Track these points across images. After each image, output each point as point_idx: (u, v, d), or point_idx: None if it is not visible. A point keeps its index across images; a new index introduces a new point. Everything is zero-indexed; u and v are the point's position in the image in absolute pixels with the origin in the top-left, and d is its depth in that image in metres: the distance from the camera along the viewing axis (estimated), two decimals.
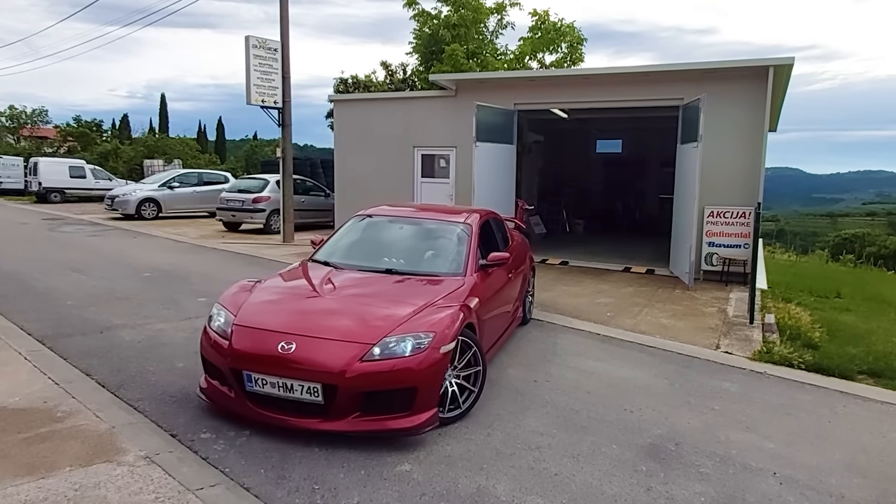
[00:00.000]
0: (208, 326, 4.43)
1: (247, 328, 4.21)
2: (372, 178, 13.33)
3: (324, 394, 3.86)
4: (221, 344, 4.17)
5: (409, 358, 3.94)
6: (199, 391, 4.39)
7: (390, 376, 3.91)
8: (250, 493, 3.31)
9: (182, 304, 7.41)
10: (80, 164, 23.72)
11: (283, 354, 3.96)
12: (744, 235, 9.96)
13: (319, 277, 5.09)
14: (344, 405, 3.86)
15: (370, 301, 4.64)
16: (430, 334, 4.07)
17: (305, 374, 3.89)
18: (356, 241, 5.89)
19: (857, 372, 5.80)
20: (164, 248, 12.37)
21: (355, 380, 3.84)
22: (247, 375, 3.99)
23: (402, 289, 4.94)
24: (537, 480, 3.56)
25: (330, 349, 3.98)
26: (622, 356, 6.05)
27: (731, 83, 9.86)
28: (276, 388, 3.93)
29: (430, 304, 4.51)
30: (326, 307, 4.60)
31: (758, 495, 3.50)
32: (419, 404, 3.94)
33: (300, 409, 3.94)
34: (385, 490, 3.38)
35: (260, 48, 12.07)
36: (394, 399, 3.93)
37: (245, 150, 37.92)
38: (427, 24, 20.45)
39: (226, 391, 4.16)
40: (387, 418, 3.91)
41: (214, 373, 4.29)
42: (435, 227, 5.99)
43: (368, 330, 4.13)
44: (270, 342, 4.04)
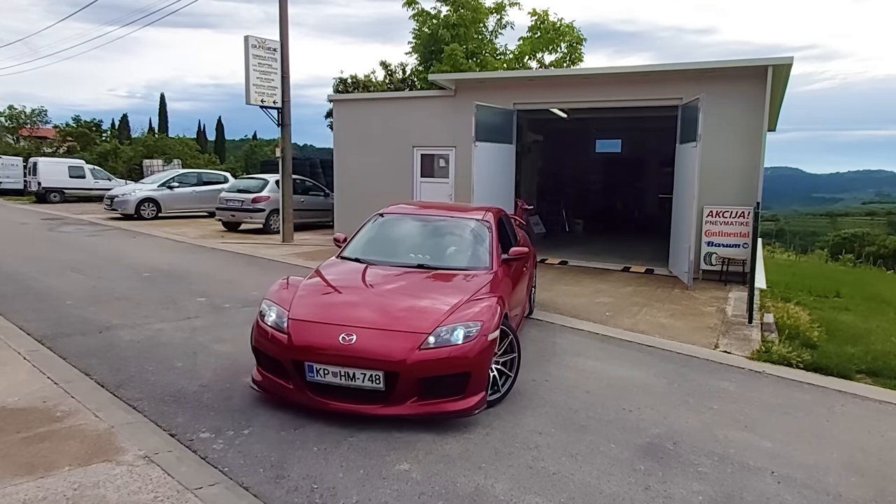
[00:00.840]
0: (262, 322, 4.56)
1: (304, 322, 4.42)
2: (371, 177, 13.33)
3: (385, 381, 4.11)
4: (280, 338, 4.35)
5: (462, 346, 4.23)
6: (252, 383, 4.57)
7: (446, 363, 4.19)
8: (249, 492, 3.32)
9: (181, 304, 7.41)
10: (80, 164, 23.72)
11: (344, 345, 4.18)
12: (743, 235, 9.97)
13: (358, 273, 5.34)
14: (404, 391, 4.12)
15: (413, 294, 4.93)
16: (479, 323, 4.36)
17: (367, 364, 4.12)
18: (382, 239, 6.09)
19: (855, 371, 5.81)
20: (163, 248, 12.37)
21: (415, 367, 4.11)
22: (308, 366, 4.20)
23: (440, 282, 5.23)
24: (536, 479, 3.56)
25: (389, 339, 4.24)
26: (621, 356, 6.05)
27: (730, 83, 9.87)
28: (337, 378, 4.16)
29: (470, 296, 4.81)
30: (374, 301, 4.82)
31: (756, 494, 3.51)
32: (471, 388, 4.23)
33: (361, 396, 4.17)
34: (383, 489, 3.39)
35: (259, 48, 12.07)
36: (448, 384, 4.21)
37: (244, 149, 37.94)
38: (426, 23, 20.44)
39: (282, 382, 4.35)
40: (442, 402, 4.19)
41: (269, 365, 4.46)
42: (456, 224, 6.22)
43: (421, 321, 4.40)
44: (331, 334, 4.27)
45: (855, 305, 10.70)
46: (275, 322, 4.48)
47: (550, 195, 16.82)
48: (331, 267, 5.58)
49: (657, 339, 6.65)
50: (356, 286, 5.17)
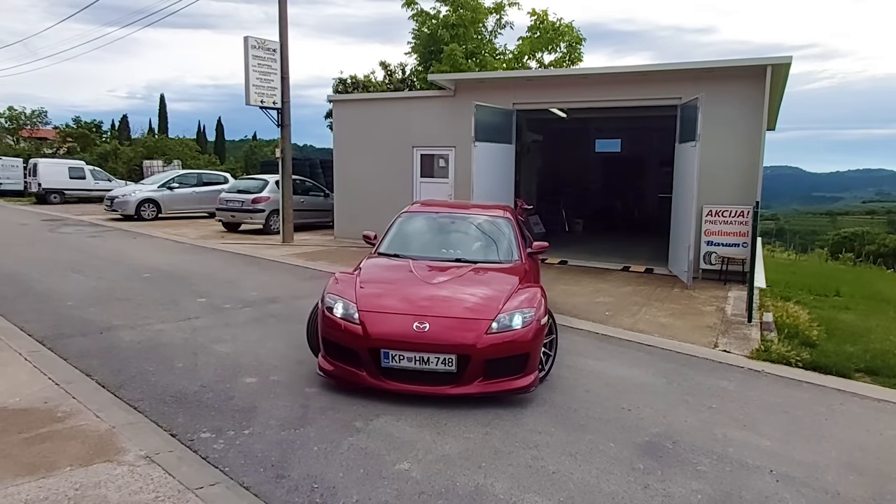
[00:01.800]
0: (330, 314, 4.85)
1: (376, 313, 4.76)
2: (371, 177, 13.35)
3: (457, 363, 4.51)
4: (354, 329, 4.68)
5: (521, 330, 4.69)
6: (320, 371, 4.88)
7: (509, 346, 4.63)
8: (250, 491, 3.33)
9: (182, 305, 7.43)
10: (80, 165, 23.74)
11: (419, 333, 4.57)
12: (742, 234, 9.98)
13: (406, 268, 5.63)
14: (472, 372, 4.53)
15: (465, 286, 5.31)
16: (533, 310, 4.85)
17: (441, 349, 4.51)
18: (414, 236, 6.42)
19: (854, 370, 5.82)
20: (163, 248, 12.39)
21: (484, 350, 4.54)
22: (384, 353, 4.55)
23: (483, 275, 5.58)
24: (535, 479, 3.58)
25: (459, 326, 4.66)
26: (620, 355, 6.07)
27: (729, 82, 9.88)
28: (412, 363, 4.53)
29: (515, 286, 5.24)
30: (433, 292, 5.13)
31: (754, 493, 3.52)
32: (528, 367, 4.70)
33: (431, 378, 4.56)
34: (384, 488, 3.40)
35: (259, 49, 12.08)
36: (509, 364, 4.64)
37: (244, 150, 37.92)
38: (426, 23, 20.43)
39: (353, 369, 4.67)
40: (504, 380, 4.61)
41: (338, 353, 4.78)
42: (481, 221, 6.61)
43: (483, 309, 4.83)
44: (405, 324, 4.64)
45: (855, 304, 10.71)
46: (344, 314, 4.79)
47: (550, 195, 16.83)
48: (376, 263, 5.89)
49: (656, 339, 6.66)
50: (409, 280, 5.43)
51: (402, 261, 5.87)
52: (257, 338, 6.20)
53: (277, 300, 7.89)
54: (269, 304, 7.67)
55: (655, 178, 17.22)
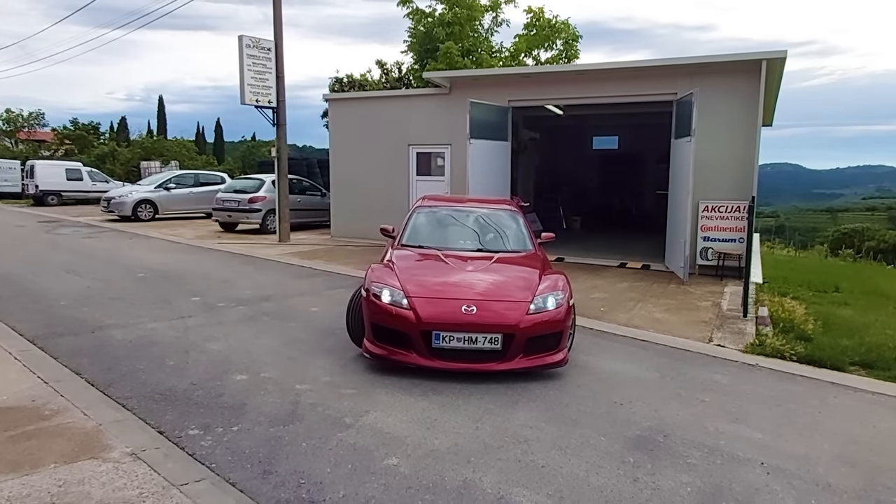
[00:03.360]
0: (379, 301, 5.14)
1: (425, 298, 5.09)
2: (367, 176, 13.33)
3: (503, 342, 4.91)
4: (405, 314, 5.00)
5: (555, 310, 5.14)
6: (366, 353, 5.23)
7: (546, 325, 5.07)
8: (235, 487, 3.31)
9: (175, 304, 7.40)
10: (77, 167, 23.73)
11: (467, 315, 4.94)
12: (739, 230, 9.96)
13: (435, 258, 5.97)
14: (515, 350, 4.94)
15: (495, 272, 5.70)
16: (563, 292, 5.33)
17: (488, 329, 4.92)
18: (432, 229, 6.71)
19: (848, 363, 5.80)
20: (159, 248, 12.37)
21: (526, 329, 4.95)
22: (435, 335, 4.91)
23: (507, 263, 5.98)
24: (524, 473, 3.55)
25: (503, 308, 5.07)
26: (614, 350, 6.04)
27: (725, 77, 9.85)
28: (461, 343, 4.91)
29: (540, 272, 5.65)
30: (470, 278, 5.51)
31: (744, 485, 3.49)
32: (562, 344, 5.19)
33: (477, 356, 4.95)
34: (371, 483, 3.38)
35: (253, 48, 12.07)
36: (545, 342, 5.08)
37: (242, 150, 37.88)
38: (421, 21, 20.39)
39: (402, 350, 5.02)
40: (543, 356, 5.07)
41: (387, 336, 5.11)
42: (492, 214, 6.99)
43: (519, 292, 5.27)
44: (454, 307, 5.00)
45: (854, 300, 10.66)
46: (392, 301, 5.10)
47: (547, 193, 16.81)
48: (404, 254, 6.13)
49: (651, 334, 6.64)
50: (444, 268, 5.77)
51: (428, 251, 6.18)
52: (250, 335, 6.18)
53: (271, 298, 7.87)
54: (263, 302, 7.65)
55: (653, 174, 17.18)
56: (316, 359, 5.50)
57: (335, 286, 8.80)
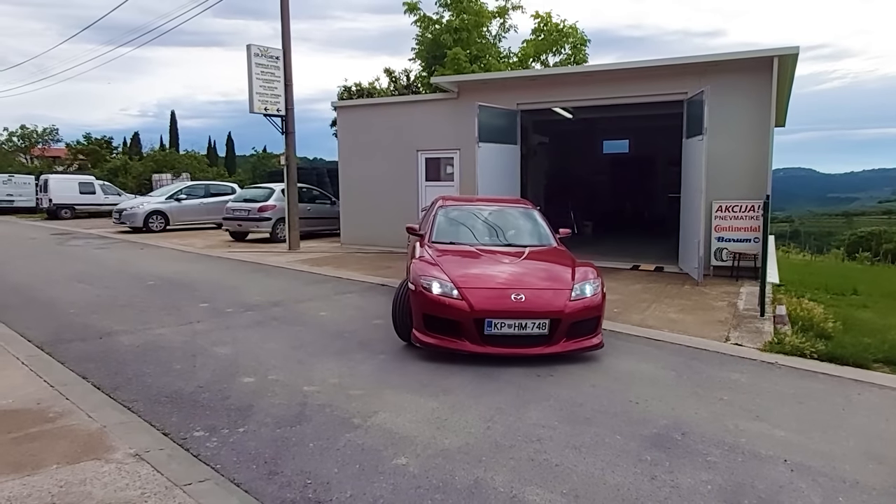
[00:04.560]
0: (430, 293, 5.35)
1: (475, 289, 5.35)
2: (376, 182, 13.31)
3: (550, 327, 5.23)
4: (458, 304, 5.25)
5: (593, 297, 5.49)
6: (417, 342, 5.44)
7: (586, 310, 5.40)
8: (241, 488, 3.22)
9: (184, 310, 7.37)
10: (90, 180, 23.97)
11: (517, 303, 5.24)
12: (753, 229, 9.78)
13: (470, 253, 6.33)
14: (560, 334, 5.26)
15: (531, 263, 6.07)
16: (597, 281, 5.68)
17: (536, 315, 5.21)
18: (458, 226, 6.96)
19: (872, 361, 5.60)
20: (169, 258, 12.40)
21: (570, 314, 5.29)
22: (488, 322, 5.17)
23: (539, 255, 6.34)
24: (537, 472, 3.43)
25: (549, 295, 5.39)
26: (628, 350, 5.90)
27: (736, 75, 9.73)
28: (512, 329, 5.20)
29: (572, 263, 5.98)
30: (511, 269, 5.82)
31: (768, 482, 3.35)
32: (598, 328, 5.54)
33: (525, 342, 5.24)
34: (379, 483, 3.28)
35: (262, 56, 12.12)
36: (584, 326, 5.42)
37: (252, 161, 38.11)
38: (429, 28, 20.43)
39: (454, 338, 5.26)
40: (583, 340, 5.40)
41: (438, 326, 5.33)
42: (512, 211, 7.42)
43: (558, 280, 5.61)
44: (504, 296, 5.30)
45: (873, 302, 10.39)
46: (443, 292, 5.34)
47: (558, 197, 16.68)
48: (439, 250, 6.32)
49: (666, 334, 6.49)
50: (483, 261, 6.10)
51: (461, 247, 6.48)
52: (258, 339, 6.12)
53: (280, 304, 7.81)
54: (272, 307, 7.60)
55: (664, 178, 17.03)
56: (324, 361, 5.42)
57: (344, 291, 8.74)
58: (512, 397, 4.57)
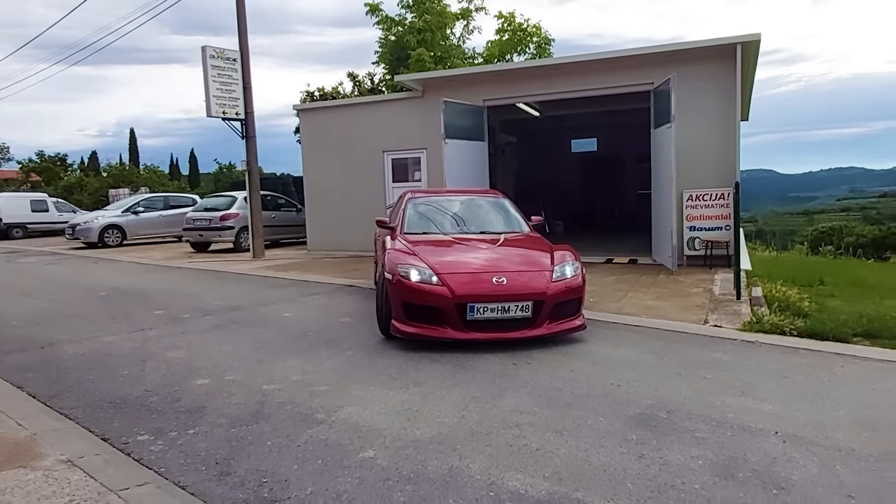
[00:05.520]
0: (408, 281, 5.16)
1: (455, 274, 5.20)
2: (342, 186, 12.97)
3: (533, 309, 5.08)
4: (438, 290, 5.08)
5: (574, 278, 5.39)
6: (397, 333, 5.21)
7: (568, 291, 5.31)
8: (186, 490, 2.87)
9: (136, 318, 6.92)
10: (43, 198, 22.96)
11: (499, 286, 5.11)
12: (724, 217, 9.76)
13: (444, 241, 6.22)
14: (543, 316, 5.13)
15: (509, 248, 5.99)
16: (577, 262, 5.58)
17: (519, 297, 5.08)
18: (430, 217, 6.83)
19: (852, 335, 5.51)
20: (124, 270, 11.81)
21: (553, 295, 5.17)
22: (470, 307, 5.01)
23: (515, 240, 6.27)
24: (517, 457, 3.16)
25: (530, 277, 5.28)
26: (607, 336, 5.68)
27: (701, 64, 9.73)
28: (495, 312, 5.05)
29: (549, 246, 5.91)
30: (488, 255, 5.72)
31: (760, 455, 3.14)
32: (580, 309, 5.48)
33: (508, 326, 5.09)
34: (344, 478, 2.96)
35: (218, 58, 11.72)
36: (567, 308, 5.30)
37: (214, 172, 37.12)
38: (392, 30, 20.21)
39: (435, 326, 5.08)
40: (564, 322, 5.28)
41: (419, 314, 5.13)
42: (483, 201, 7.35)
43: (538, 263, 5.51)
44: (485, 280, 5.16)
45: (840, 291, 10.42)
46: (422, 279, 5.16)
47: (528, 197, 16.53)
48: (413, 240, 6.14)
49: (644, 319, 6.31)
50: (460, 247, 5.98)
51: (435, 236, 6.35)
52: (215, 342, 5.73)
53: (241, 308, 7.41)
54: (232, 311, 7.19)
55: (633, 175, 17.08)
56: (286, 360, 5.07)
57: (310, 293, 8.37)
58: (487, 385, 4.30)
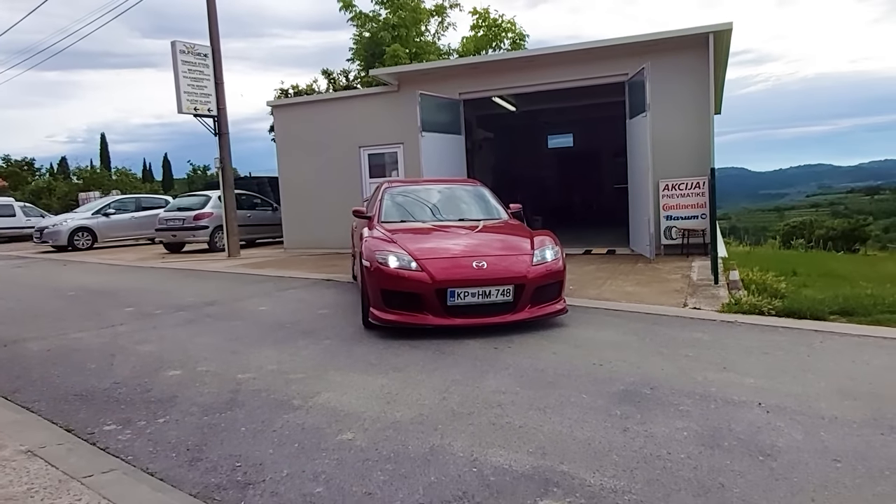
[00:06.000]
0: (387, 268, 5.07)
1: (434, 259, 5.14)
2: (318, 182, 12.79)
3: (514, 293, 5.05)
4: (418, 276, 4.99)
5: (554, 261, 5.38)
6: (375, 321, 5.11)
7: (549, 275, 5.28)
8: (154, 476, 2.74)
9: (105, 315, 6.70)
10: (9, 203, 22.24)
11: (479, 270, 5.05)
12: (700, 206, 9.83)
13: (423, 229, 6.10)
14: (524, 300, 5.08)
15: (487, 234, 5.96)
16: (557, 246, 5.56)
17: (499, 281, 5.03)
18: (407, 206, 6.74)
19: (829, 313, 5.55)
20: (94, 271, 11.48)
21: (534, 279, 5.14)
22: (450, 292, 4.94)
23: (495, 227, 6.26)
24: (499, 434, 3.09)
25: (511, 261, 5.23)
26: (587, 320, 5.64)
27: (674, 54, 9.79)
28: (475, 297, 5.00)
29: (529, 232, 5.90)
30: (467, 240, 5.64)
31: (745, 425, 3.11)
32: (561, 293, 5.44)
33: (489, 310, 5.04)
34: (321, 460, 2.86)
35: (188, 53, 11.47)
36: (548, 291, 5.27)
37: (188, 175, 36.41)
38: (366, 26, 20.05)
39: (415, 313, 4.99)
40: (547, 305, 5.26)
41: (398, 301, 5.04)
42: (462, 190, 7.33)
43: (517, 247, 5.47)
44: (465, 265, 5.10)
45: (812, 282, 10.54)
46: (401, 265, 5.08)
47: (506, 192, 16.51)
48: (391, 228, 6.02)
49: (624, 304, 6.29)
50: (438, 234, 5.91)
51: (413, 224, 6.26)
52: (188, 336, 5.56)
53: (215, 303, 7.23)
54: (207, 306, 7.01)
55: (610, 169, 17.16)
56: (262, 350, 4.93)
57: (287, 288, 8.21)
58: (468, 369, 4.21)
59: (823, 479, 2.54)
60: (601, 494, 2.47)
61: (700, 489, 2.49)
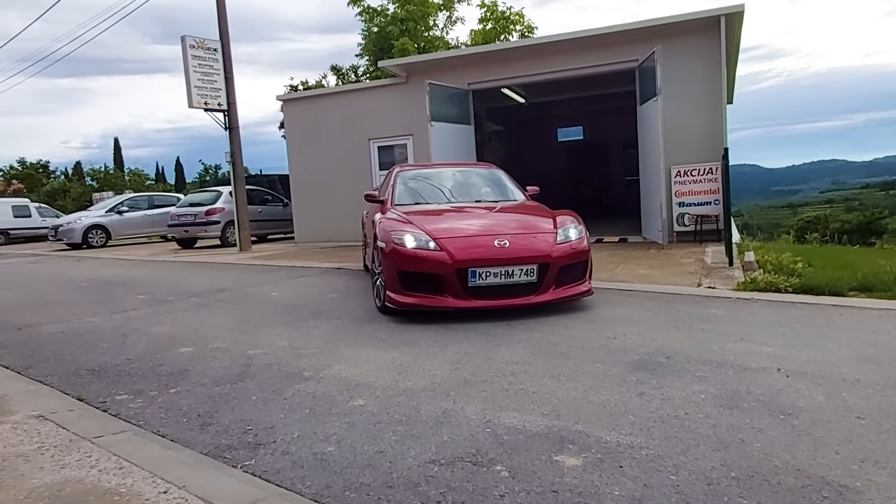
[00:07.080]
0: (405, 248, 4.89)
1: (454, 238, 4.95)
2: (329, 177, 12.80)
3: (538, 273, 4.84)
4: (437, 256, 4.80)
5: (579, 239, 5.20)
6: (392, 304, 4.92)
7: (574, 254, 5.09)
8: (166, 438, 2.72)
9: (118, 302, 6.73)
10: (25, 203, 22.52)
11: (502, 249, 4.84)
12: (713, 192, 9.71)
13: (439, 209, 5.86)
14: (549, 281, 4.88)
15: (509, 213, 5.78)
16: (581, 225, 5.38)
17: (523, 260, 4.83)
18: (421, 188, 6.57)
19: (848, 289, 5.44)
20: (108, 265, 11.56)
21: (558, 258, 4.93)
22: (471, 272, 4.74)
23: (514, 206, 6.08)
24: (513, 399, 3.04)
25: (534, 239, 5.04)
26: (601, 300, 5.57)
27: (685, 38, 9.69)
28: (498, 277, 4.78)
29: (549, 211, 5.68)
30: (489, 221, 5.47)
31: (764, 388, 3.04)
32: (588, 274, 5.25)
33: (513, 291, 4.83)
34: (332, 423, 2.83)
35: (198, 48, 11.53)
36: (573, 272, 5.08)
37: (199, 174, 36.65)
38: (374, 20, 20.05)
39: (435, 295, 4.79)
40: (572, 286, 5.05)
41: (417, 283, 4.85)
42: (476, 172, 7.17)
43: (539, 226, 5.25)
44: (486, 244, 4.89)
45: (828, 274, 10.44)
46: (419, 245, 4.90)
47: None
48: (405, 210, 5.82)
49: (637, 285, 6.21)
50: (456, 214, 5.70)
51: (428, 206, 6.01)
52: (200, 318, 5.57)
53: (227, 290, 7.24)
54: (218, 293, 7.02)
55: (620, 161, 17.05)
56: (273, 329, 4.92)
57: (298, 276, 8.21)
58: (480, 343, 4.17)
59: (847, 434, 2.47)
60: (617, 450, 2.41)
61: (719, 444, 2.43)
